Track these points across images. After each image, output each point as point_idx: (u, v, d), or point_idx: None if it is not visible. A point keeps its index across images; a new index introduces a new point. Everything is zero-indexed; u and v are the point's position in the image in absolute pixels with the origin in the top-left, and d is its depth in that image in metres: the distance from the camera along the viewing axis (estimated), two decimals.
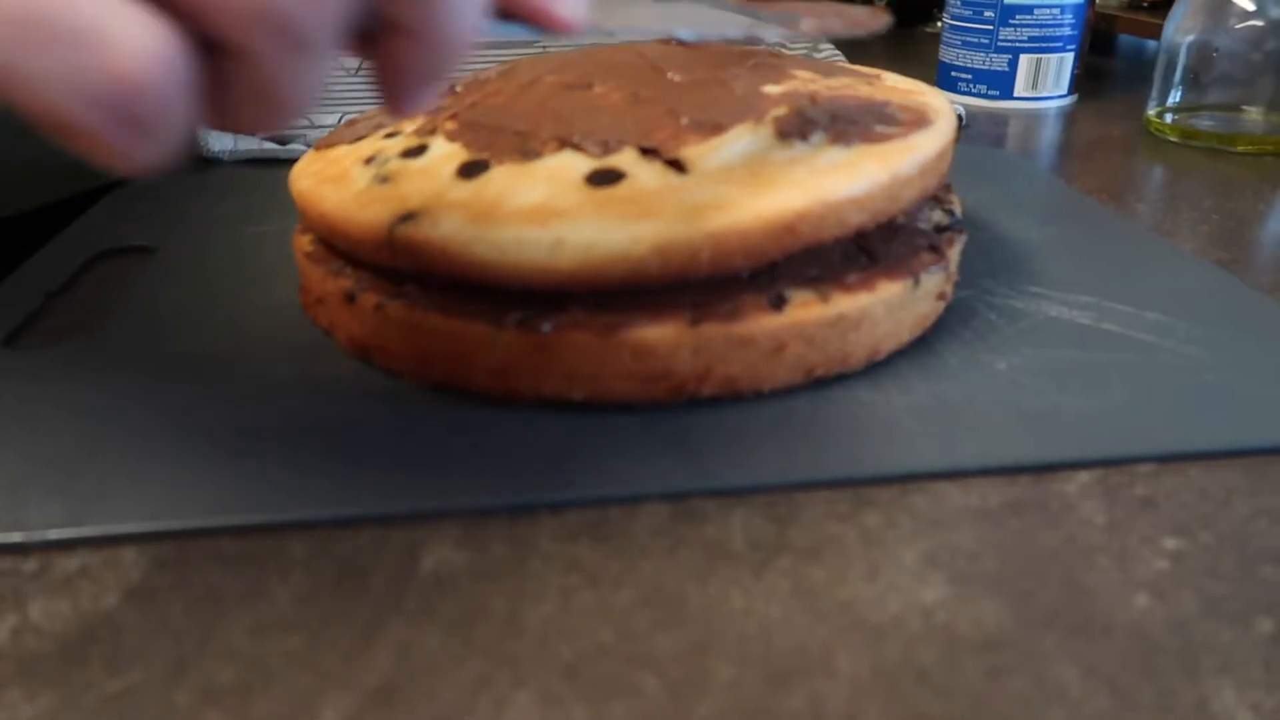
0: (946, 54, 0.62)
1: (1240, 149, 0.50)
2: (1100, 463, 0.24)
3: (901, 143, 0.28)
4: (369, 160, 0.30)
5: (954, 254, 0.30)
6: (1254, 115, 0.51)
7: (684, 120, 0.29)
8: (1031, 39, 0.58)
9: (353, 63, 0.62)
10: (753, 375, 0.26)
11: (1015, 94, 0.60)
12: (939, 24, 0.89)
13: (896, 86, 0.34)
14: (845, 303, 0.27)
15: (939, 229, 0.31)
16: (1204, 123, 0.52)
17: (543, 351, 0.26)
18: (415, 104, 0.20)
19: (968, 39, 0.60)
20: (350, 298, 0.28)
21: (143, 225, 0.40)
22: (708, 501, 0.23)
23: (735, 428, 0.25)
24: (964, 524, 0.22)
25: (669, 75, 0.32)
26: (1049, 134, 0.56)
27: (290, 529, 0.22)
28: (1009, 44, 0.59)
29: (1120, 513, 0.23)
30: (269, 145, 0.51)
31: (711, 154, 0.27)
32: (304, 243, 0.32)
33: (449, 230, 0.26)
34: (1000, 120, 0.59)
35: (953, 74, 0.62)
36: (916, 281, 0.28)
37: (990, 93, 0.60)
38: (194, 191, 0.45)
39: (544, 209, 0.26)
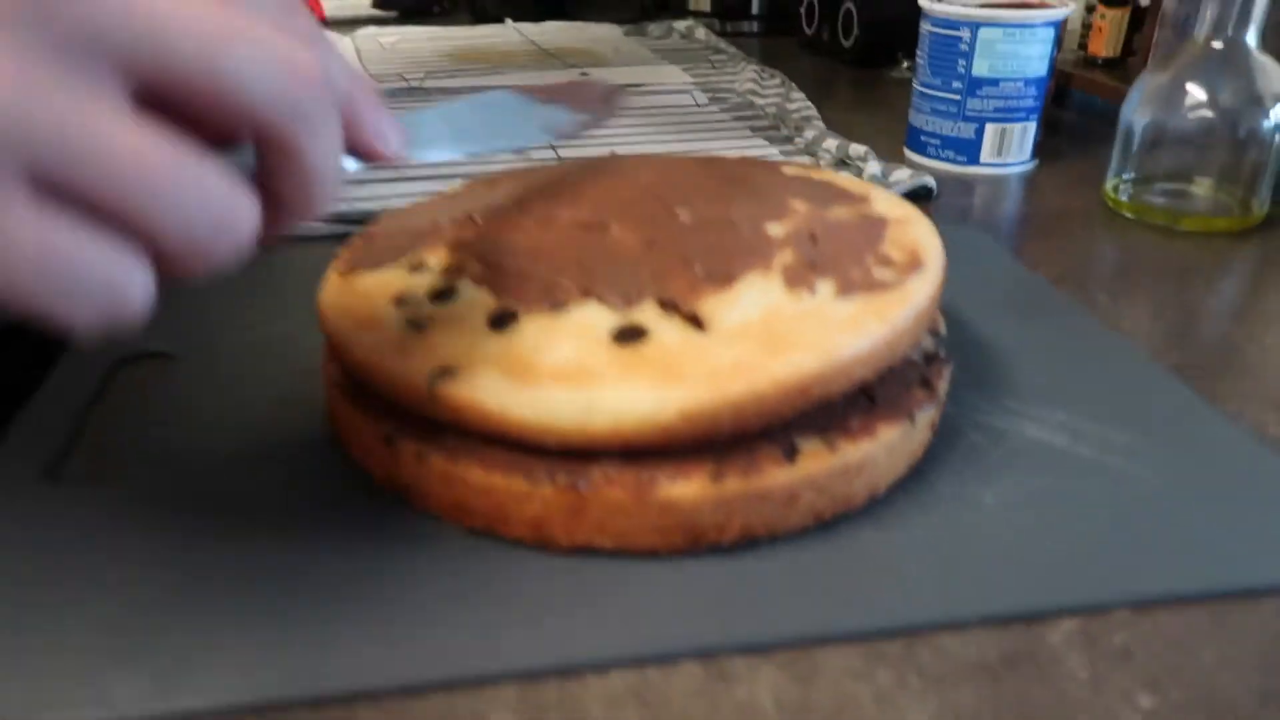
0: (916, 119, 0.65)
1: (1187, 228, 0.53)
2: (1082, 609, 0.27)
3: (899, 292, 0.31)
4: (399, 301, 0.32)
5: (943, 386, 0.33)
6: (1203, 189, 0.55)
7: (697, 268, 0.31)
8: (996, 110, 0.61)
9: None
10: (767, 523, 0.29)
11: (981, 160, 0.63)
12: (904, 65, 0.92)
13: (886, 215, 0.36)
14: (850, 450, 0.29)
15: (928, 358, 0.34)
16: (1156, 199, 0.55)
17: (577, 507, 0.28)
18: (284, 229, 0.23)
19: (936, 106, 0.63)
20: (389, 441, 0.30)
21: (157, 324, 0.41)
22: (736, 659, 0.25)
23: (754, 578, 0.28)
24: (965, 682, 0.25)
25: (678, 213, 0.34)
26: (1012, 204, 0.59)
27: (361, 698, 0.24)
28: (976, 114, 0.61)
29: (1101, 665, 0.25)
30: None
31: (727, 309, 0.29)
32: (333, 372, 0.33)
33: (485, 389, 0.28)
34: (967, 184, 0.61)
35: (922, 138, 0.64)
36: (913, 420, 0.31)
37: (958, 158, 0.63)
38: None
39: (575, 370, 0.28)
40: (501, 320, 0.30)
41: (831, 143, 0.64)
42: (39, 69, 0.17)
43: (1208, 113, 0.52)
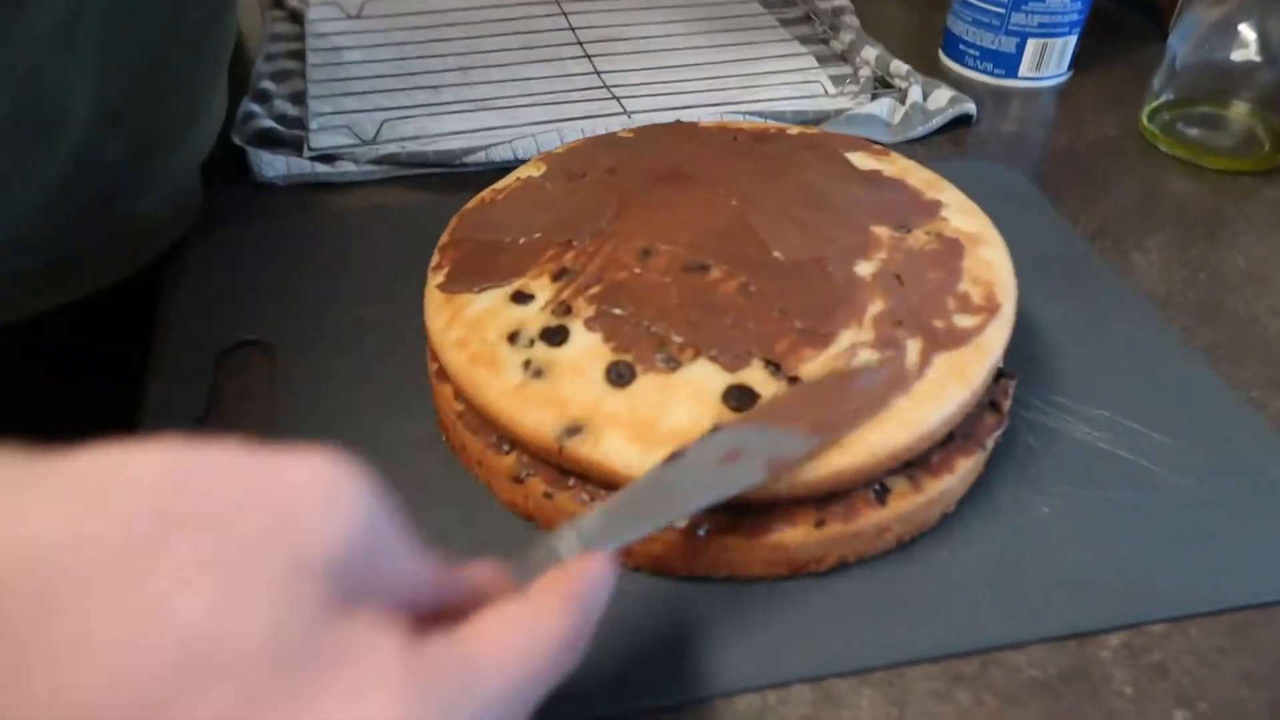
0: (955, 25, 0.64)
1: (1212, 165, 0.55)
2: (1125, 626, 0.32)
3: (979, 346, 0.34)
4: (512, 338, 0.34)
5: (1008, 405, 0.36)
6: (1239, 115, 0.56)
7: (797, 323, 0.33)
8: (1040, 25, 0.61)
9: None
10: (858, 552, 0.33)
11: (1019, 74, 0.63)
12: None
13: (960, 233, 0.38)
14: (933, 486, 0.33)
15: (996, 375, 0.37)
16: (1190, 130, 0.57)
17: (696, 547, 0.32)
18: None
19: (979, 17, 0.62)
20: (518, 479, 0.33)
21: (244, 308, 0.43)
22: (839, 682, 0.30)
23: (848, 603, 0.32)
24: (1032, 700, 0.30)
25: (773, 252, 0.36)
26: (1048, 130, 0.60)
27: None
28: (1019, 28, 0.61)
29: (1143, 681, 0.31)
30: (320, 169, 0.52)
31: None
32: (449, 396, 0.36)
33: (612, 450, 0.31)
34: (1002, 98, 0.62)
35: (960, 47, 0.64)
36: (985, 449, 0.34)
37: (995, 70, 0.63)
38: (268, 242, 0.47)
39: (695, 435, 0.31)
40: (620, 376, 0.32)
41: (871, 52, 0.63)
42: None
43: (1255, 55, 0.53)
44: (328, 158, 0.53)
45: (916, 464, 0.33)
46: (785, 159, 0.41)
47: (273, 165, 0.52)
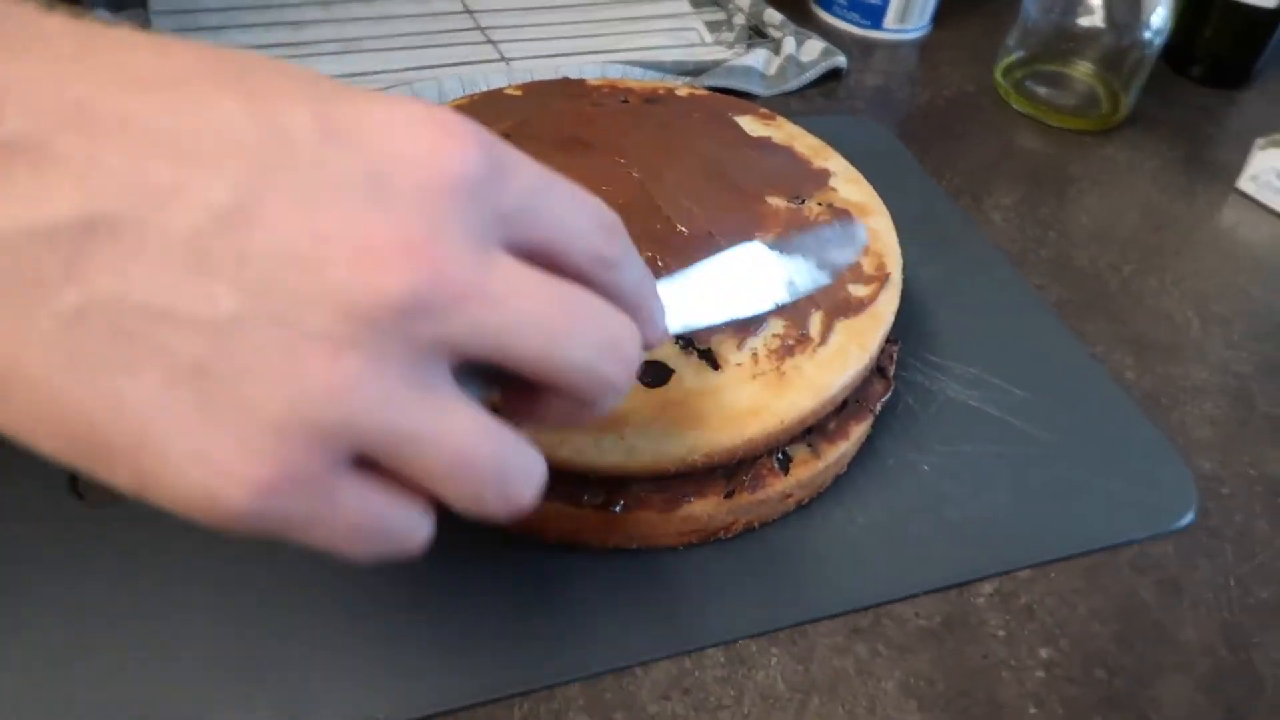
0: None
1: (1055, 123, 0.59)
2: (996, 573, 0.35)
3: (873, 315, 0.35)
4: None
5: (893, 370, 0.39)
6: (1083, 74, 0.60)
7: None
8: None
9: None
10: (761, 517, 0.35)
11: (884, 25, 0.65)
12: None
13: (849, 199, 0.40)
14: (831, 452, 0.35)
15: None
16: (1039, 89, 0.60)
17: (612, 523, 0.33)
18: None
19: None
20: None
21: None
22: (750, 644, 0.32)
23: (752, 567, 0.34)
24: (921, 648, 0.33)
25: (676, 226, 0.36)
26: (911, 85, 0.62)
27: (457, 712, 0.30)
28: None
29: (1013, 624, 0.34)
30: None
31: (737, 349, 0.33)
32: None
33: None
34: (867, 50, 0.64)
35: None
36: (875, 414, 0.37)
37: (862, 22, 0.65)
38: None
39: (612, 415, 0.31)
40: None
41: (743, 1, 0.63)
42: (388, 371, 0.18)
43: (1099, 21, 0.57)
44: None
45: (815, 431, 0.35)
46: (679, 125, 0.41)
47: None
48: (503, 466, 0.21)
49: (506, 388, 0.22)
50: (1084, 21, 0.57)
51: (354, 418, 0.18)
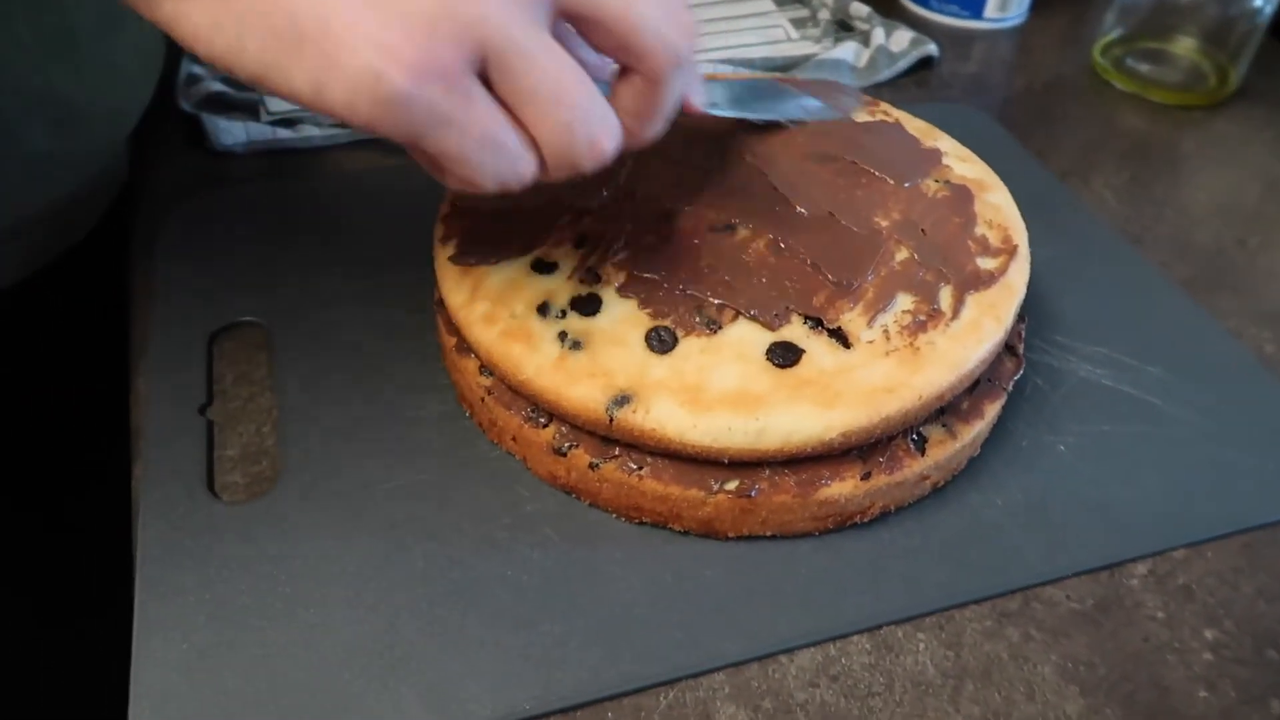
0: None
1: (1159, 99, 0.57)
2: (1149, 554, 0.34)
3: (1005, 287, 0.34)
4: (541, 309, 0.33)
5: (1021, 348, 0.37)
6: (1185, 50, 0.58)
7: (829, 277, 0.33)
8: None
9: None
10: (898, 501, 0.34)
11: (985, 15, 0.63)
12: None
13: (966, 180, 0.38)
14: (966, 432, 0.34)
15: None
16: (1140, 66, 0.59)
17: (747, 509, 0.32)
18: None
19: None
20: (559, 452, 0.33)
21: (227, 284, 0.40)
22: (895, 630, 0.31)
23: (894, 551, 0.33)
24: (1075, 631, 0.31)
25: (795, 206, 0.35)
26: (1007, 70, 0.61)
27: (603, 701, 0.29)
28: None
29: (1172, 605, 0.32)
30: (282, 133, 0.50)
31: (865, 324, 0.32)
32: (473, 371, 0.35)
33: (664, 416, 0.31)
34: (963, 41, 0.63)
35: None
36: (1007, 392, 0.35)
37: (961, 13, 0.64)
38: (238, 214, 0.44)
39: (743, 396, 0.31)
40: (662, 342, 0.32)
41: None
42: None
43: None
44: (287, 122, 0.50)
45: (948, 411, 0.34)
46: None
47: (230, 132, 0.49)
48: (590, 104, 0.26)
49: None
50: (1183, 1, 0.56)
51: (487, 19, 0.23)
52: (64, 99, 0.40)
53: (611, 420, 0.31)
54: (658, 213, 0.35)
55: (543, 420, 0.33)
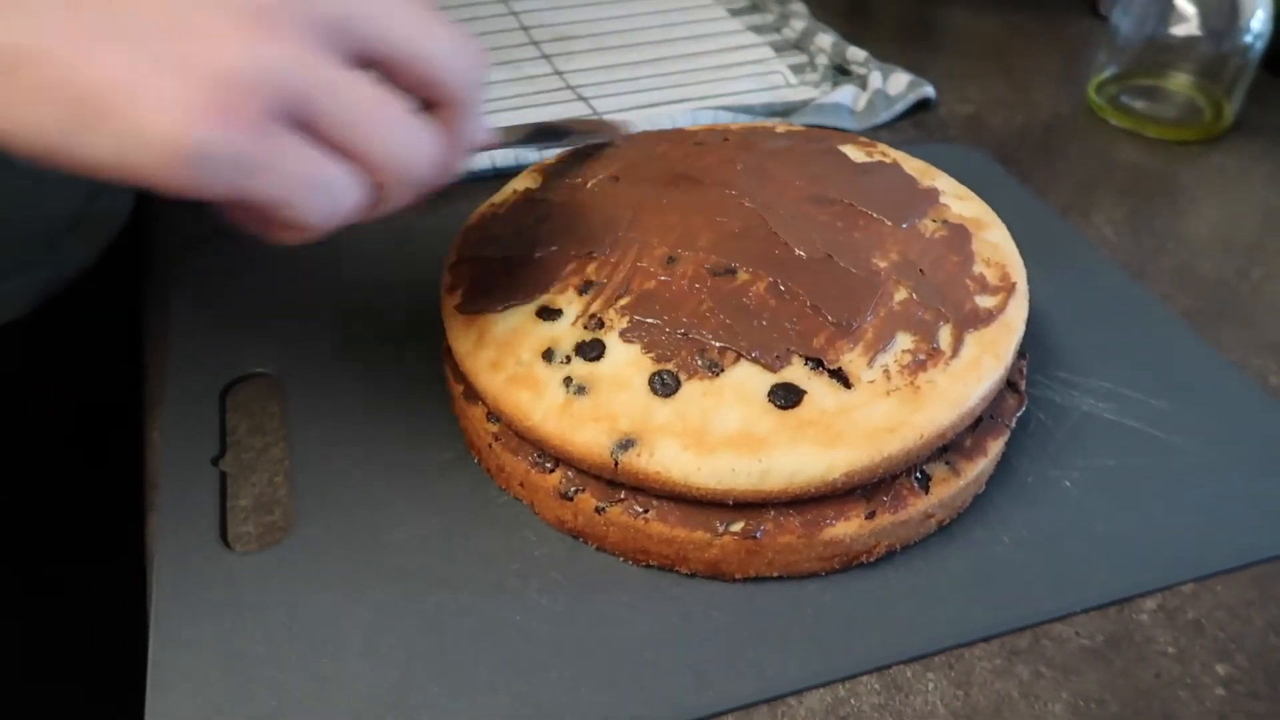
0: None
1: (1155, 135, 0.58)
2: (1158, 588, 0.33)
3: (1004, 324, 0.35)
4: (546, 355, 0.34)
5: (1023, 384, 0.38)
6: (1180, 86, 0.59)
7: (829, 319, 0.34)
8: None
9: None
10: (903, 540, 0.34)
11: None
12: None
13: (963, 218, 0.39)
14: (969, 470, 0.34)
15: None
16: (1135, 102, 0.59)
17: (753, 550, 0.32)
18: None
19: None
20: (566, 496, 0.33)
21: (238, 336, 0.41)
22: (905, 669, 0.31)
23: (900, 591, 0.33)
24: (1086, 668, 0.31)
25: (794, 249, 0.36)
26: (1002, 107, 0.61)
27: None
28: None
29: (1183, 640, 0.32)
30: None
31: (865, 364, 0.33)
32: (481, 418, 0.35)
33: (668, 459, 0.31)
34: (960, 82, 0.64)
35: None
36: (1010, 429, 0.36)
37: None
38: (248, 264, 0.45)
39: (747, 437, 0.31)
40: (665, 386, 0.32)
41: (825, 39, 0.64)
42: (302, 39, 0.24)
43: (1196, 30, 0.56)
44: None
45: (951, 449, 0.34)
46: (784, 156, 0.42)
47: None
48: (408, 119, 0.26)
49: None
50: (1179, 31, 0.56)
51: (285, 70, 0.23)
52: None
53: (616, 464, 0.31)
54: (659, 259, 0.36)
55: (549, 465, 0.34)
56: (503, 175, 0.52)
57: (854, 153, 0.43)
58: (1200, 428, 0.39)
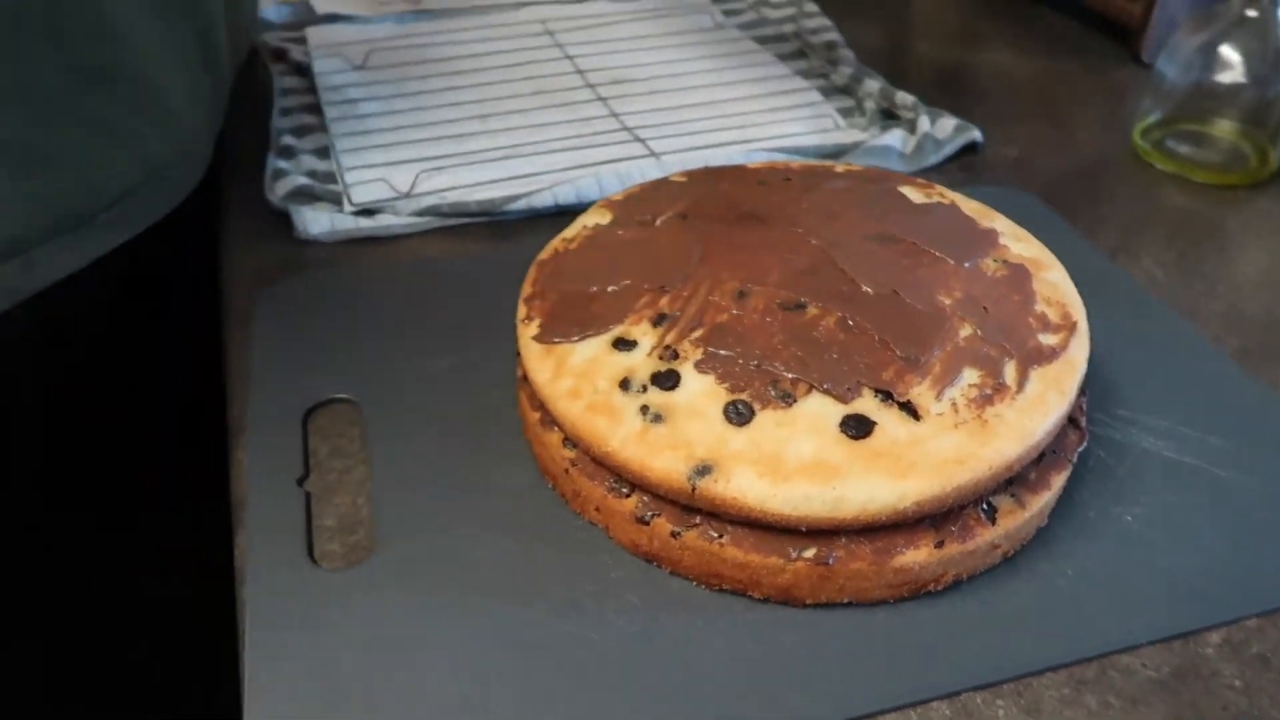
0: None
1: (1201, 179, 0.59)
2: (1224, 622, 0.34)
3: (1067, 361, 0.36)
4: (623, 385, 0.35)
5: (1084, 420, 0.38)
6: (1225, 133, 0.60)
7: (897, 350, 0.35)
8: None
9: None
10: (969, 570, 0.34)
11: None
12: None
13: (1023, 259, 0.40)
14: (1034, 502, 0.35)
15: None
16: (1180, 147, 0.60)
17: (825, 576, 0.33)
18: None
19: None
20: (642, 520, 0.34)
21: (318, 363, 0.43)
22: (974, 696, 0.32)
23: (968, 620, 0.34)
24: (1154, 699, 0.32)
25: (860, 285, 0.37)
26: (1048, 150, 0.63)
27: None
28: None
29: (1249, 673, 0.33)
30: (364, 223, 0.53)
31: (934, 396, 0.34)
32: (557, 444, 0.37)
33: (744, 485, 0.32)
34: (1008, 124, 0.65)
35: None
36: (1072, 463, 0.36)
37: None
38: (325, 298, 0.47)
39: (821, 466, 0.32)
40: (739, 415, 0.33)
41: (873, 85, 0.66)
42: None
43: (1241, 77, 0.57)
44: (368, 211, 0.54)
45: (1016, 481, 0.35)
46: (846, 197, 0.43)
47: (317, 222, 0.52)
48: None
49: None
50: (1223, 78, 0.58)
51: None
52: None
53: (694, 489, 0.32)
54: (730, 293, 0.37)
55: (625, 490, 0.35)
56: (564, 211, 0.54)
57: (913, 193, 0.44)
58: (1258, 465, 0.39)
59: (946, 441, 0.33)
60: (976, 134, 0.62)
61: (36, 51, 0.40)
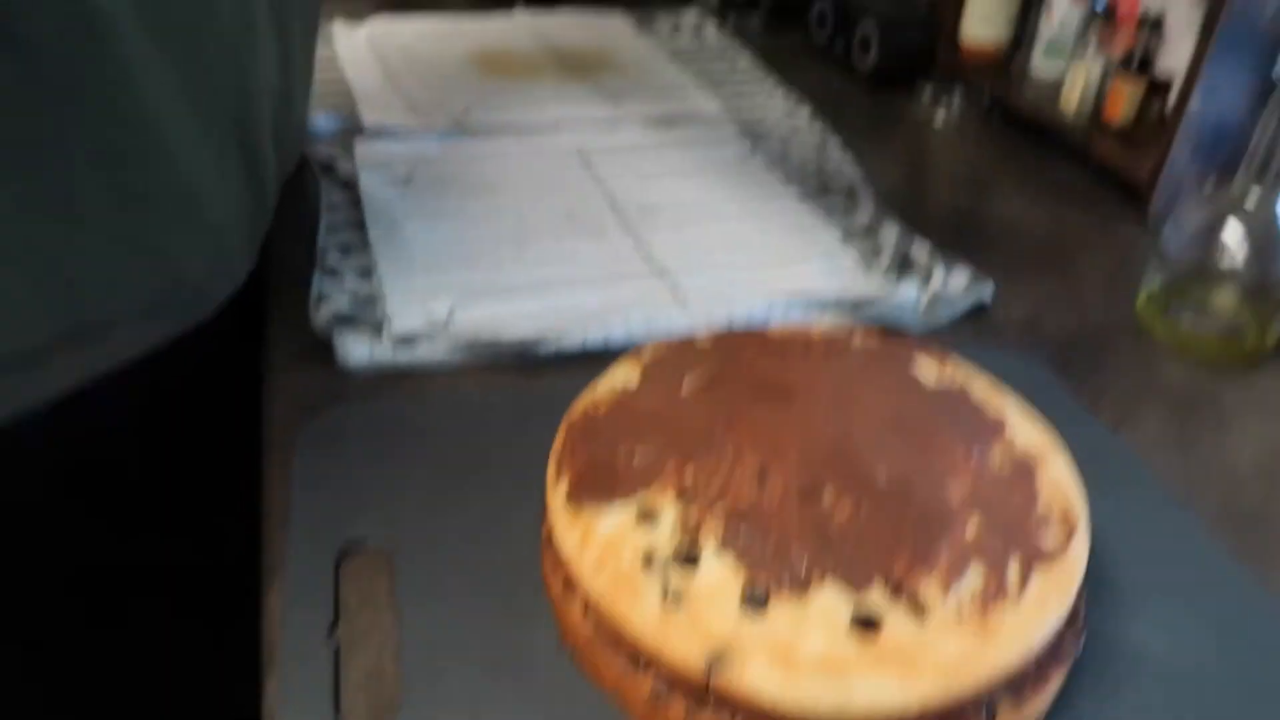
0: None
1: (1201, 357, 0.61)
2: None
3: (1067, 562, 0.38)
4: (646, 560, 0.37)
5: (1082, 618, 0.40)
6: (1226, 303, 0.62)
7: (907, 543, 0.37)
8: None
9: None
10: None
11: None
12: (926, 100, 0.96)
13: (1028, 453, 0.42)
14: (1033, 702, 0.37)
15: None
16: (1181, 316, 0.63)
17: None
18: None
19: None
20: (657, 698, 0.36)
21: (351, 506, 0.45)
22: None
23: None
24: None
25: (874, 473, 0.39)
26: (1054, 314, 0.65)
27: None
28: None
29: None
30: (401, 357, 0.55)
31: (941, 594, 0.36)
32: (577, 613, 0.38)
33: (758, 680, 0.34)
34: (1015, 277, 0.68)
35: None
36: (1071, 661, 0.38)
37: None
38: (361, 431, 0.49)
39: (830, 661, 0.34)
40: (755, 601, 0.35)
41: (891, 231, 0.69)
42: None
43: (1239, 264, 0.60)
44: (405, 342, 0.56)
45: (1015, 682, 0.37)
46: (861, 377, 0.46)
47: (357, 352, 0.55)
48: None
49: None
50: (1224, 263, 0.61)
51: None
52: None
53: (709, 681, 0.34)
54: (752, 470, 0.40)
55: (642, 669, 0.37)
56: (590, 355, 0.56)
57: (928, 368, 0.47)
58: (1255, 669, 0.41)
59: (951, 644, 0.35)
60: (986, 295, 0.64)
61: (82, 173, 0.39)
